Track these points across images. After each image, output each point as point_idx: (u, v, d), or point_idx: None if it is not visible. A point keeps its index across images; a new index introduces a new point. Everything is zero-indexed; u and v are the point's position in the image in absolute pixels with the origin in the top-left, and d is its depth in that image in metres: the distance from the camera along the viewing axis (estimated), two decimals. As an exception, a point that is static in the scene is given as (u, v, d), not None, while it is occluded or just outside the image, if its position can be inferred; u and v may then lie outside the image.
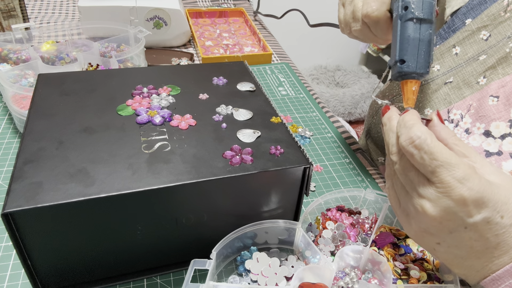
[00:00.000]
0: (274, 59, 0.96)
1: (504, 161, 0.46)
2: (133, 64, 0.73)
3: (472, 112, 0.51)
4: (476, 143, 0.49)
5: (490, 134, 0.48)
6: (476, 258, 0.34)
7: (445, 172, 0.32)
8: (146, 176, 0.38)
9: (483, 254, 0.34)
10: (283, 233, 0.46)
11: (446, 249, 0.35)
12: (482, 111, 0.50)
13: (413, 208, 0.35)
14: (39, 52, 0.71)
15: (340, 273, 0.43)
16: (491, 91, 0.50)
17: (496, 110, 0.48)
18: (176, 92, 0.52)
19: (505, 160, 0.46)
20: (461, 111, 0.53)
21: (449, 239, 0.34)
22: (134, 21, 0.89)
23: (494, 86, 0.50)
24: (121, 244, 0.41)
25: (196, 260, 0.39)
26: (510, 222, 0.33)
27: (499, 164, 0.46)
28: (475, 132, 0.50)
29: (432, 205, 0.33)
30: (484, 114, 0.49)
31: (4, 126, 0.65)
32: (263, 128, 0.46)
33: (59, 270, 0.40)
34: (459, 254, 0.34)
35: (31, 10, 1.08)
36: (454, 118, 0.53)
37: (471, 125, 0.51)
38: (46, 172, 0.37)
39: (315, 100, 0.79)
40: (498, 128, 0.48)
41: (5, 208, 0.33)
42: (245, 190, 0.42)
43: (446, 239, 0.34)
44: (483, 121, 0.49)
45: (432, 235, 0.34)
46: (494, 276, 0.34)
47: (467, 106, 0.52)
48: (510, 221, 0.33)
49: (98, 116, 0.46)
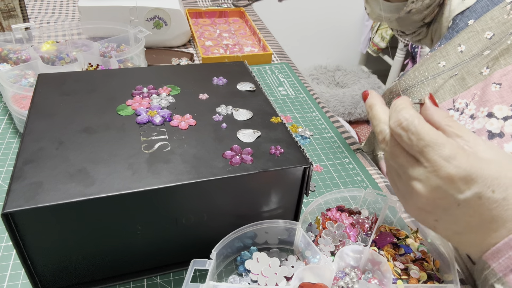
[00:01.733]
0: (274, 59, 0.96)
1: (506, 143, 0.47)
2: (133, 64, 0.73)
3: (476, 100, 0.52)
4: (480, 125, 0.50)
5: (493, 115, 0.49)
6: (474, 233, 0.35)
7: (431, 152, 0.33)
8: (146, 176, 0.38)
9: (479, 228, 0.35)
10: (283, 233, 0.46)
11: (444, 226, 0.36)
12: (485, 97, 0.51)
13: (407, 189, 0.36)
14: (39, 52, 0.71)
15: (340, 273, 0.43)
16: (494, 79, 0.51)
17: (499, 95, 0.49)
18: (176, 92, 0.52)
19: (507, 142, 0.47)
20: (466, 100, 0.54)
21: (445, 216, 0.35)
22: (134, 21, 0.89)
23: (497, 75, 0.51)
24: (121, 244, 0.41)
25: (196, 260, 0.39)
26: (502, 196, 0.33)
27: (501, 146, 0.47)
28: (479, 116, 0.51)
29: (423, 185, 0.34)
30: (487, 99, 0.51)
31: (4, 126, 0.65)
32: (263, 128, 0.46)
33: (59, 270, 0.40)
34: (457, 230, 0.35)
35: (31, 10, 1.08)
36: (460, 106, 0.54)
37: (476, 110, 0.52)
38: (46, 172, 0.37)
39: (315, 100, 0.79)
40: (501, 111, 0.49)
41: (5, 208, 0.33)
42: (245, 190, 0.42)
43: (442, 216, 0.35)
44: (486, 105, 0.50)
45: (429, 213, 0.35)
46: (494, 249, 0.34)
47: (472, 95, 0.54)
48: (502, 195, 0.33)
49: (98, 116, 0.46)
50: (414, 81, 0.65)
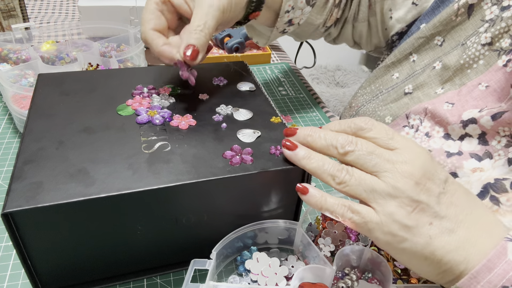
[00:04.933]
0: (274, 59, 0.96)
1: (465, 160, 0.47)
2: (133, 64, 0.73)
3: (429, 116, 0.53)
4: (437, 145, 0.50)
5: (450, 137, 0.50)
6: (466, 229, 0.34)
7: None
8: (146, 176, 0.38)
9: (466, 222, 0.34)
10: (283, 233, 0.46)
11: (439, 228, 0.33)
12: (438, 115, 0.51)
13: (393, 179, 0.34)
14: (39, 52, 0.71)
15: (340, 273, 0.43)
16: (447, 98, 0.52)
17: (450, 114, 0.50)
18: (176, 92, 0.52)
19: (465, 160, 0.47)
20: (419, 115, 0.54)
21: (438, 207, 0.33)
22: (134, 21, 0.89)
23: (450, 95, 0.51)
24: (121, 244, 0.41)
25: (196, 260, 0.39)
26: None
27: (460, 163, 0.47)
28: (435, 135, 0.52)
29: (410, 166, 0.34)
30: (440, 118, 0.51)
31: (4, 126, 0.65)
32: (263, 128, 0.46)
33: (59, 270, 0.40)
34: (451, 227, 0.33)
35: (31, 10, 1.08)
36: (414, 123, 0.55)
37: (430, 129, 0.52)
38: (46, 172, 0.37)
39: (315, 100, 0.79)
40: (454, 131, 0.49)
41: (5, 208, 0.33)
42: (245, 190, 0.42)
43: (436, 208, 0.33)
44: (442, 124, 0.51)
45: (424, 211, 0.33)
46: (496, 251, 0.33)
47: (423, 109, 0.53)
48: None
49: (98, 116, 0.46)
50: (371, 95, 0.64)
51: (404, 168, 0.34)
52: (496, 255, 0.32)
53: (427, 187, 0.34)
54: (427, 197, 0.33)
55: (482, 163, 0.46)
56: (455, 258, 0.33)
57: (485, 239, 0.33)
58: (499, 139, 0.46)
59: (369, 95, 0.65)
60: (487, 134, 0.47)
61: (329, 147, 0.37)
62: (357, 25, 0.70)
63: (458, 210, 0.34)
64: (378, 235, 0.34)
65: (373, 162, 0.35)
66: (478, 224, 0.34)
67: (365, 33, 0.70)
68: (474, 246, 0.33)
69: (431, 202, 0.33)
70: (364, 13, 0.68)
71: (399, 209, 0.33)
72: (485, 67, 0.48)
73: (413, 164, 0.34)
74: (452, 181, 0.36)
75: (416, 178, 0.33)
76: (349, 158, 0.36)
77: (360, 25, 0.70)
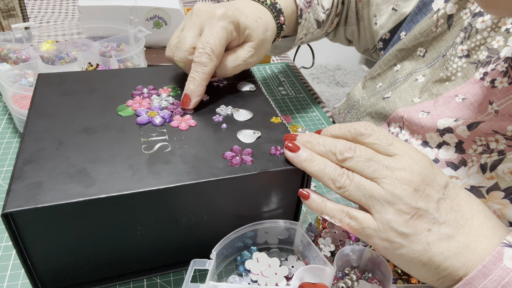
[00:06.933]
0: (274, 59, 0.96)
1: (442, 168, 0.48)
2: (133, 64, 0.73)
3: (407, 124, 0.53)
4: None
5: (428, 144, 0.50)
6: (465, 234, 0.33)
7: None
8: (146, 176, 0.38)
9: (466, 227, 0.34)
10: (283, 233, 0.46)
11: (438, 235, 0.33)
12: (414, 124, 0.52)
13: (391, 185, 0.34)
14: (39, 51, 0.71)
15: (340, 273, 0.43)
16: (423, 107, 0.52)
17: (425, 122, 0.50)
18: (176, 92, 0.52)
19: (442, 168, 0.48)
20: (398, 123, 0.55)
21: (438, 213, 0.33)
22: (134, 21, 0.89)
23: (427, 104, 0.52)
24: (121, 244, 0.41)
25: (196, 260, 0.39)
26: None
27: None
28: (413, 143, 0.52)
29: (409, 172, 0.34)
30: (416, 127, 0.52)
31: (4, 126, 0.65)
32: (263, 129, 0.46)
33: (59, 270, 0.40)
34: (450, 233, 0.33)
35: (31, 10, 1.08)
36: (394, 131, 0.56)
37: (410, 136, 0.53)
38: (46, 172, 0.37)
39: (315, 100, 0.79)
40: (432, 139, 0.50)
41: (5, 208, 0.33)
42: (245, 191, 0.42)
43: (435, 214, 0.33)
44: (420, 132, 0.51)
45: (422, 218, 0.33)
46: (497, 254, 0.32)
47: (399, 117, 0.54)
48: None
49: (98, 116, 0.46)
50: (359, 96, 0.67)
51: (403, 175, 0.34)
52: (491, 261, 0.32)
53: (426, 193, 0.33)
54: (425, 204, 0.33)
55: (458, 172, 0.46)
56: (454, 264, 0.33)
57: (486, 245, 0.33)
58: (476, 147, 0.45)
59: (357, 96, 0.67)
60: (464, 142, 0.46)
61: (328, 153, 0.37)
62: (347, 28, 0.73)
63: (459, 215, 0.34)
64: (376, 241, 0.34)
65: (372, 169, 0.35)
66: (479, 229, 0.34)
67: (355, 35, 0.73)
68: (473, 252, 0.33)
69: (429, 208, 0.33)
70: (352, 18, 0.70)
71: (396, 217, 0.33)
72: (462, 79, 0.49)
73: (411, 170, 0.34)
74: (453, 186, 0.36)
75: (415, 185, 0.33)
76: (348, 165, 0.36)
77: (350, 28, 0.72)
